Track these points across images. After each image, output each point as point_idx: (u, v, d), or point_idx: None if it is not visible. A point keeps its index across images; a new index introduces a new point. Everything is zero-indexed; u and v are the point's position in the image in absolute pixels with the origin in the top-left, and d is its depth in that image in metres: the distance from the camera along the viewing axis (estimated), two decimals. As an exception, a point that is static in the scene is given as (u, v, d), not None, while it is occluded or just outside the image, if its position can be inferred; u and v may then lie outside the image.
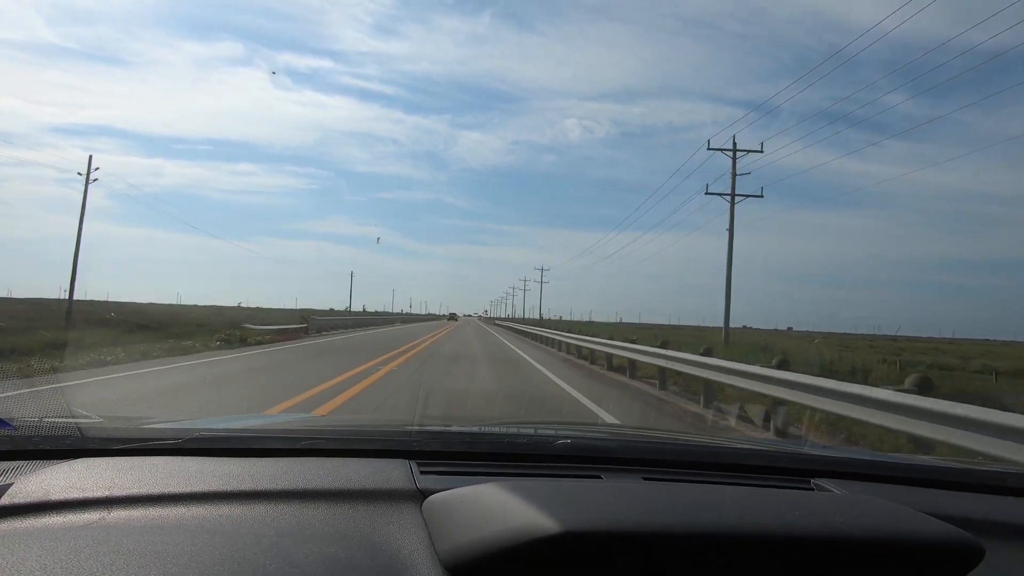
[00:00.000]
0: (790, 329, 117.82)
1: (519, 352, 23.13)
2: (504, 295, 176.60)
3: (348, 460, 1.37)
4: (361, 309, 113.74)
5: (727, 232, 26.99)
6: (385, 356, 16.74)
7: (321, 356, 17.01)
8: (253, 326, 23.06)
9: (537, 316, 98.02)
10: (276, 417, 4.71)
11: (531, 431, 1.93)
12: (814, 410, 7.36)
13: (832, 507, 1.13)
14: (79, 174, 30.54)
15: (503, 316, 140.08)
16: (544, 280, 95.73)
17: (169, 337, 18.17)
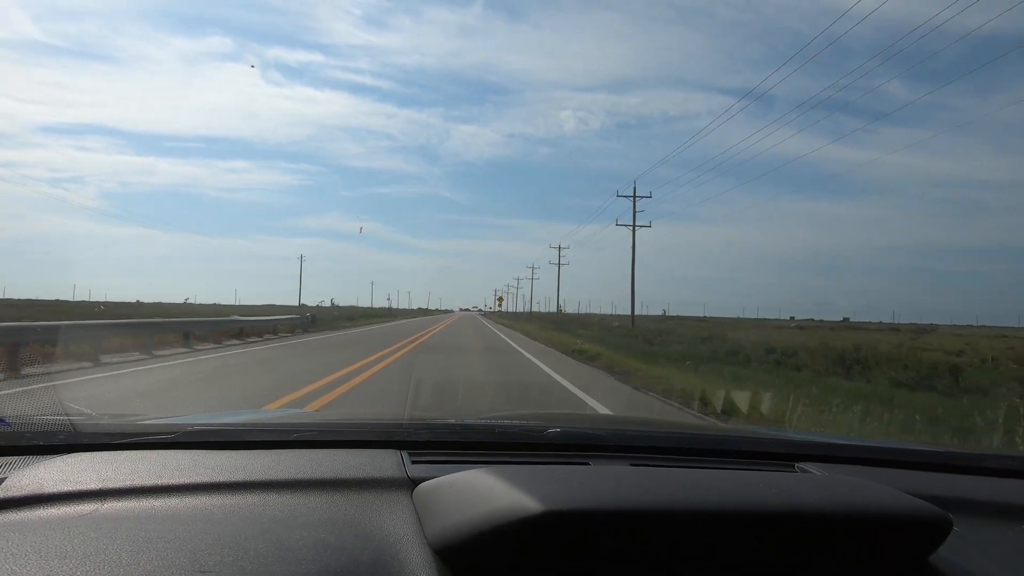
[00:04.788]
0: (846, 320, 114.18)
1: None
2: (510, 284, 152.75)
3: (340, 451, 1.40)
4: (329, 303, 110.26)
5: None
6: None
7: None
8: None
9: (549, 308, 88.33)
10: (271, 412, 4.73)
11: (521, 421, 1.96)
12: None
13: (808, 486, 1.17)
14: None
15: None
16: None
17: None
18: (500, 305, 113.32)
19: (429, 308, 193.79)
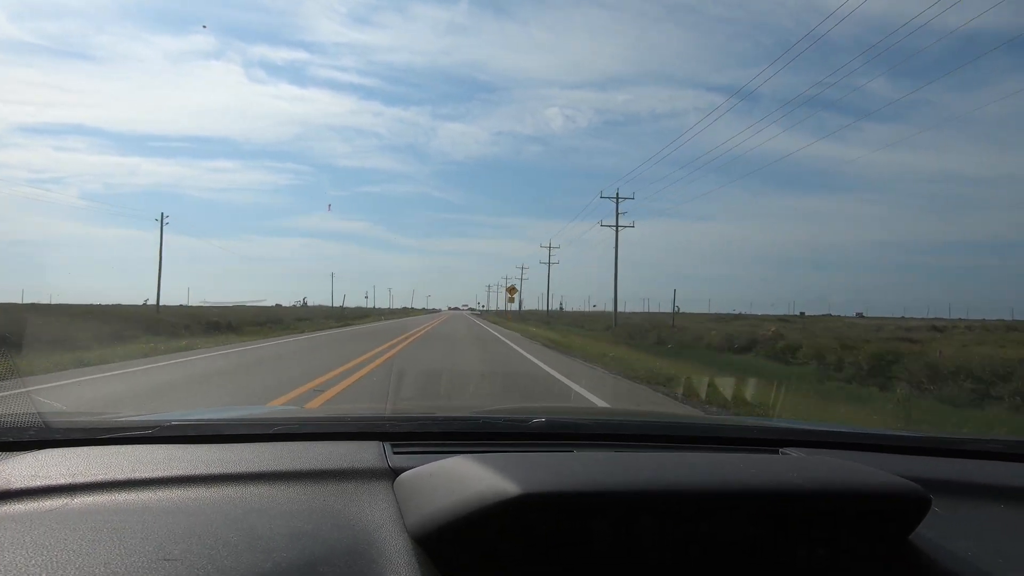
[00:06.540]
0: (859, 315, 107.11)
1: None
2: (509, 277, 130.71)
3: (321, 443, 1.38)
4: (302, 303, 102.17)
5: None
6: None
7: None
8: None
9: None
10: (255, 408, 4.70)
11: (506, 414, 1.96)
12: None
13: (786, 465, 1.18)
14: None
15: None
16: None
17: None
18: (511, 300, 67.84)
19: (413, 307, 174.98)
